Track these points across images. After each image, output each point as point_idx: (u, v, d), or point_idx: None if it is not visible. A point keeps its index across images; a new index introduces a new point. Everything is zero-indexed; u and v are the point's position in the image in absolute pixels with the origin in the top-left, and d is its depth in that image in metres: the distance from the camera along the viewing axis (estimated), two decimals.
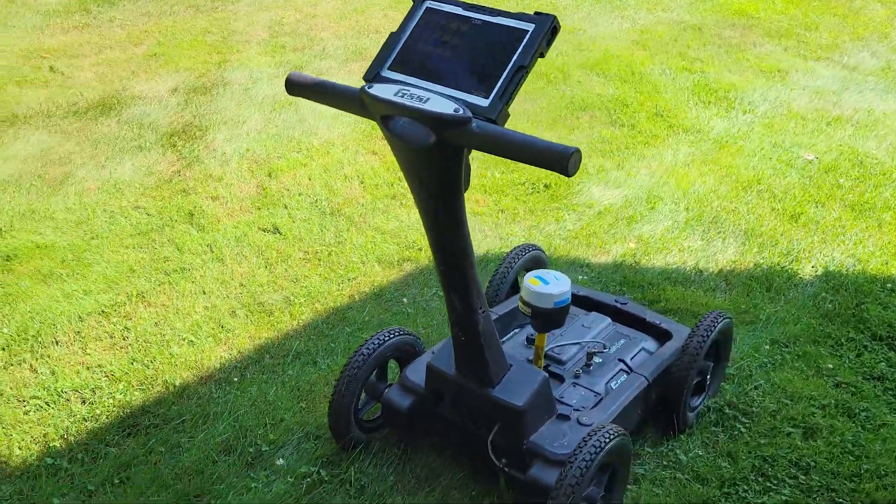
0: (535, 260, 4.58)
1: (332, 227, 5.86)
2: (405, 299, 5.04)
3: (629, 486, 3.61)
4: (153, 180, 6.44)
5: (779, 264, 5.54)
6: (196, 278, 5.13)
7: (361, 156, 6.99)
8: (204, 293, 4.98)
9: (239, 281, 5.13)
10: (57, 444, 3.78)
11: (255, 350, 4.50)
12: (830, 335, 4.74)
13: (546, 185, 6.68)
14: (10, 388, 4.10)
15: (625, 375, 3.81)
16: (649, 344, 4.12)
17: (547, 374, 3.39)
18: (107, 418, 3.94)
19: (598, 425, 3.22)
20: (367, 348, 3.66)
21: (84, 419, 3.93)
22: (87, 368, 4.27)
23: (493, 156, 7.38)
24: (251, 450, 3.77)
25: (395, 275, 5.32)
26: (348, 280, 5.22)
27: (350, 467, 3.66)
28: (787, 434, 3.93)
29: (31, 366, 4.27)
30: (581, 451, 3.08)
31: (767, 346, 4.62)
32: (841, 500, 3.56)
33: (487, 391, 3.32)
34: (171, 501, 3.48)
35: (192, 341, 4.52)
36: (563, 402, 3.64)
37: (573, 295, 4.49)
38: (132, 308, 4.79)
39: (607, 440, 3.13)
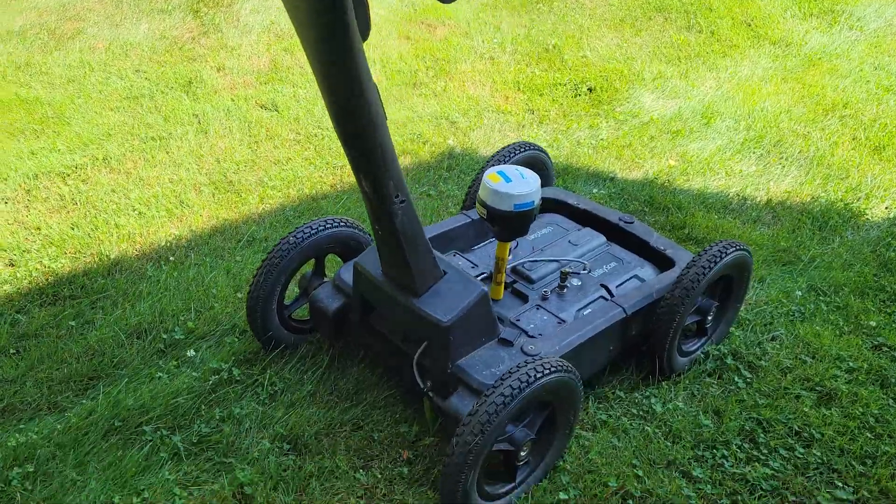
0: (532, 162, 3.90)
1: None
2: None
3: (582, 433, 3.02)
4: (164, 45, 6.00)
5: (842, 200, 4.65)
6: (172, 149, 4.70)
7: (393, 40, 6.33)
8: (175, 164, 4.55)
9: (216, 156, 4.67)
10: None
11: (208, 230, 4.06)
12: (884, 288, 3.91)
13: (590, 89, 5.88)
14: None
15: (603, 304, 3.16)
16: (646, 272, 3.43)
17: (484, 289, 2.78)
18: (27, 284, 3.61)
19: (540, 357, 2.62)
20: (297, 235, 3.14)
21: (4, 282, 3.61)
22: (25, 229, 3.94)
23: (535, 52, 6.65)
24: (165, 336, 3.36)
25: None
26: (334, 168, 4.68)
27: (268, 369, 3.21)
28: (795, 397, 3.22)
29: None
30: (502, 384, 2.50)
31: (801, 293, 3.84)
32: (841, 483, 2.87)
33: (410, 301, 2.76)
34: (61, 378, 3.13)
35: (142, 213, 4.11)
36: (516, 326, 3.05)
37: (569, 207, 3.82)
38: (93, 172, 4.41)
39: (539, 374, 2.53)
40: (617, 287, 3.31)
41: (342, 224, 3.25)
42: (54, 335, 3.34)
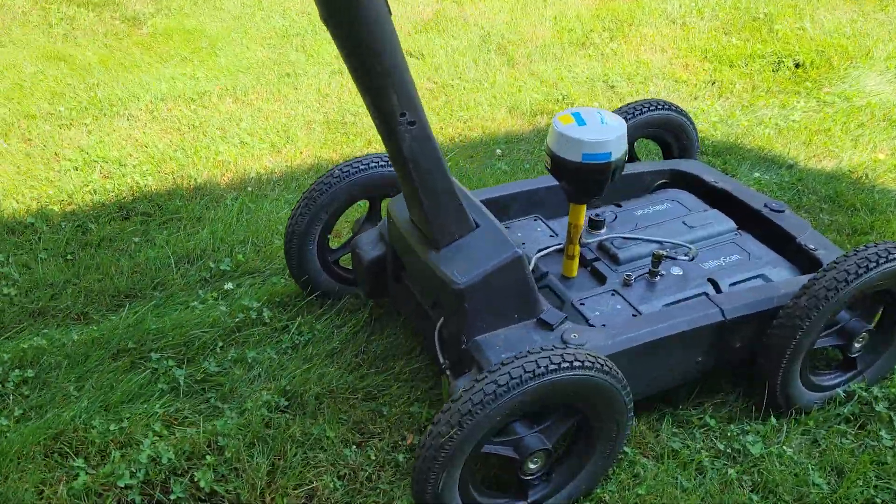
0: (665, 125, 3.18)
1: (483, 62, 4.83)
2: (499, 150, 3.93)
3: (641, 458, 2.34)
4: None
5: None
6: (302, 86, 4.51)
7: None
8: (298, 101, 4.35)
9: (341, 98, 4.41)
10: (54, 207, 3.48)
11: (303, 168, 3.80)
12: None
13: (797, 64, 4.89)
14: (58, 144, 3.89)
15: (699, 301, 2.43)
16: (779, 273, 2.62)
17: (518, 252, 2.19)
18: (112, 196, 3.56)
19: (575, 349, 2.00)
20: (344, 170, 2.74)
21: (92, 191, 3.59)
22: (134, 145, 3.92)
23: (739, 19, 5.61)
24: (212, 266, 3.13)
25: (516, 126, 4.20)
26: (460, 121, 4.23)
27: (299, 317, 2.86)
28: None
29: (88, 129, 4.03)
30: (501, 369, 1.93)
31: None
32: None
33: (429, 255, 2.25)
34: (99, 290, 3.00)
35: (245, 143, 3.94)
36: (576, 310, 2.42)
37: (703, 184, 3.05)
38: (218, 100, 4.33)
39: (553, 367, 1.92)
40: (731, 285, 2.55)
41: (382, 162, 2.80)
42: (113, 248, 3.24)
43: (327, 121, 4.15)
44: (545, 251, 2.67)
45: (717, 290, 2.54)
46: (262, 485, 2.25)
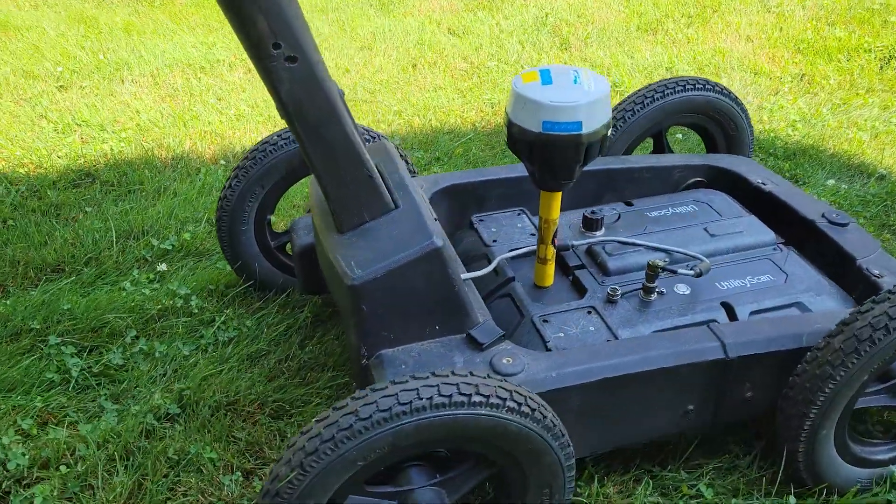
0: (706, 111, 2.55)
1: (531, 43, 4.27)
2: None
3: None
4: None
5: None
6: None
7: None
8: None
9: (362, 74, 3.96)
10: (20, 170, 3.20)
11: None
12: None
13: None
14: (47, 106, 3.62)
15: (697, 331, 1.81)
16: (823, 302, 1.97)
17: (437, 244, 1.65)
18: (81, 162, 3.24)
19: (483, 379, 1.46)
20: (284, 136, 2.28)
21: (64, 156, 3.28)
22: (124, 110, 3.61)
23: (847, 9, 4.77)
24: (156, 244, 2.73)
25: None
26: (486, 104, 3.69)
27: (230, 309, 2.41)
28: None
29: (84, 92, 3.75)
30: (361, 401, 1.40)
31: None
32: None
33: (329, 239, 1.75)
34: (27, 261, 2.65)
35: (241, 115, 3.56)
36: (535, 329, 1.86)
37: (747, 185, 2.40)
38: (226, 70, 3.98)
39: (436, 403, 1.38)
40: (752, 314, 1.92)
41: (368, 132, 2.31)
42: (60, 217, 2.90)
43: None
44: (517, 252, 2.11)
45: (732, 317, 1.92)
46: None
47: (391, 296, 1.65)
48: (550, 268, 2.02)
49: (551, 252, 1.98)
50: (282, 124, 3.49)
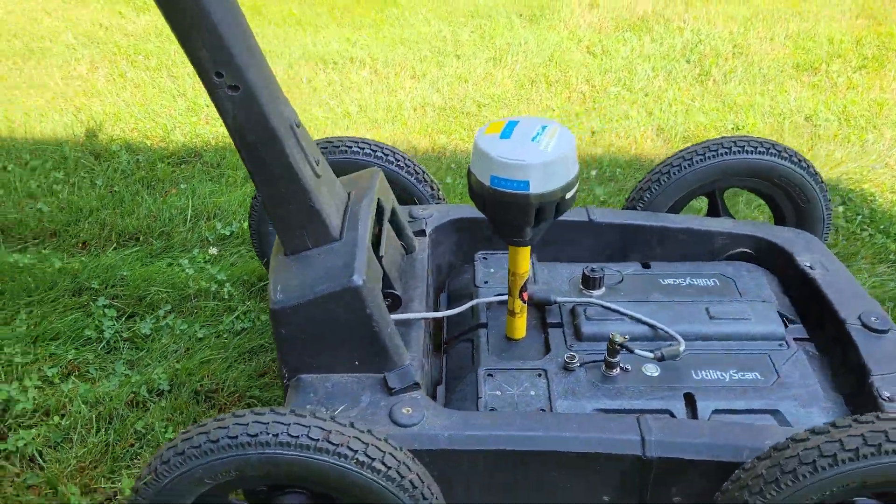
0: (770, 177, 2.30)
1: (665, 71, 4.04)
2: (595, 171, 3.20)
3: None
4: None
5: None
6: (448, 67, 4.15)
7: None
8: (429, 80, 4.01)
9: (476, 84, 3.97)
10: (146, 141, 3.58)
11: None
12: None
13: None
14: (187, 87, 4.00)
15: (623, 421, 1.66)
16: (808, 416, 1.74)
17: (357, 285, 1.64)
18: (197, 141, 3.56)
19: (322, 421, 1.46)
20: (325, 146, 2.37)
21: (184, 134, 3.62)
22: None
23: None
24: (219, 227, 2.95)
25: (651, 150, 3.41)
26: (587, 130, 3.56)
27: (253, 301, 2.56)
28: None
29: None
30: (226, 425, 1.45)
31: None
32: None
33: (275, 258, 1.82)
34: (113, 226, 2.98)
35: (348, 114, 3.71)
36: (477, 379, 1.82)
37: (792, 266, 2.13)
38: (355, 67, 4.16)
39: (262, 440, 1.41)
40: (715, 411, 1.74)
41: (388, 154, 2.35)
42: (156, 190, 3.22)
43: (445, 106, 3.76)
44: (498, 298, 2.05)
45: (693, 412, 1.75)
46: (61, 474, 2.02)
47: (309, 325, 1.68)
48: (520, 321, 1.95)
49: (519, 305, 1.91)
50: (386, 128, 3.59)
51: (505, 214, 1.68)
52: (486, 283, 2.15)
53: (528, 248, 1.82)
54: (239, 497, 1.70)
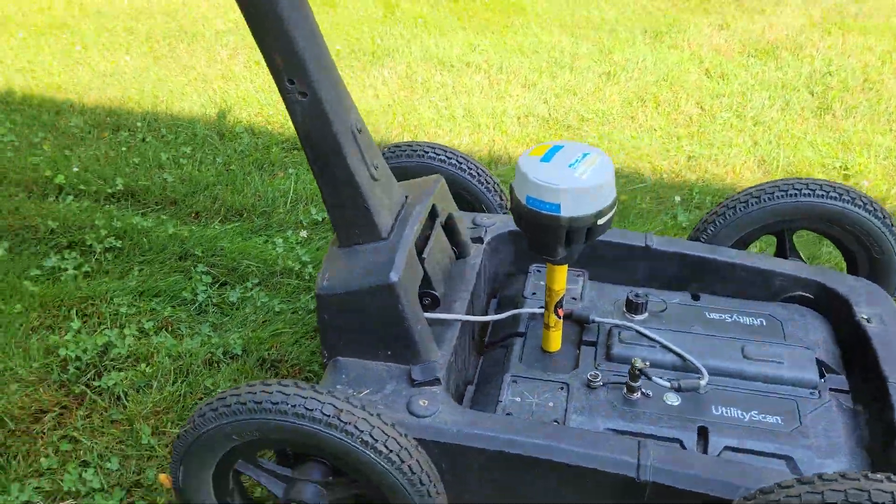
0: (841, 222, 2.25)
1: (782, 100, 3.93)
2: (679, 197, 3.17)
3: None
4: None
5: None
6: (561, 77, 4.22)
7: None
8: (541, 92, 4.09)
9: (588, 96, 4.02)
10: (267, 126, 3.89)
11: (477, 153, 3.59)
12: None
13: None
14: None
15: (625, 442, 1.72)
16: (823, 467, 1.74)
17: (392, 281, 1.79)
18: None
19: (336, 399, 1.62)
20: (391, 148, 2.53)
21: None
22: (366, 92, 4.14)
23: None
24: (313, 212, 3.19)
25: (750, 182, 3.34)
26: (685, 155, 3.53)
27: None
28: None
29: (344, 72, 4.36)
30: (256, 391, 1.64)
31: None
32: None
33: (331, 247, 2.00)
34: (224, 201, 3.29)
35: (454, 116, 3.86)
36: (503, 383, 1.94)
37: (852, 319, 2.09)
38: (470, 72, 4.31)
39: (278, 408, 1.59)
40: (726, 448, 1.78)
41: (461, 162, 2.48)
42: (267, 171, 3.51)
43: (549, 118, 3.84)
44: (539, 311, 2.15)
45: (704, 447, 1.79)
46: (139, 414, 2.31)
47: (348, 314, 1.85)
48: (554, 334, 2.04)
49: (553, 320, 2.01)
50: (484, 134, 3.73)
51: (537, 233, 1.78)
52: (533, 294, 2.25)
53: (565, 266, 1.91)
54: (272, 458, 1.90)
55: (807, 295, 2.25)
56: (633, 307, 2.12)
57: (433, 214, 2.10)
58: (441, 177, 2.18)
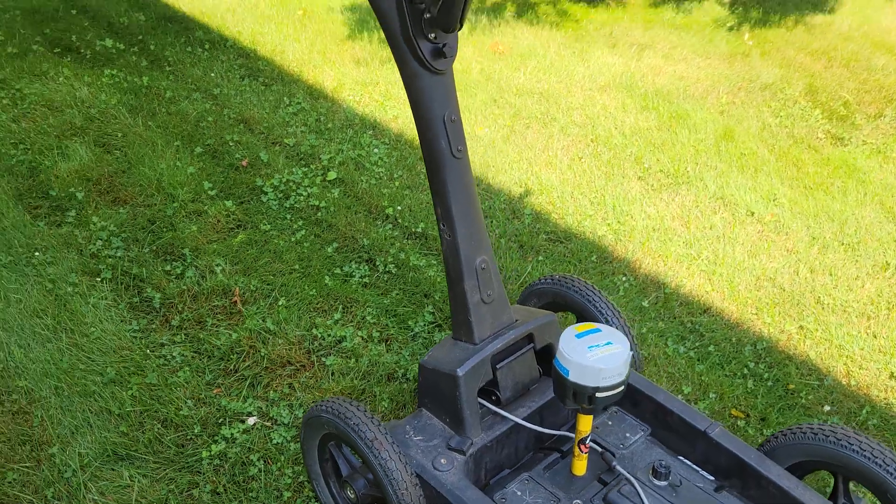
0: (847, 470, 2.39)
1: None
2: None
3: None
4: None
5: None
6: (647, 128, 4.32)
7: None
8: (628, 141, 4.27)
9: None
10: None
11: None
12: None
13: None
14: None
15: None
16: None
17: (458, 374, 2.54)
18: None
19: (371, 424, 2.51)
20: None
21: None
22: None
23: None
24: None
25: None
26: (715, 202, 3.50)
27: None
28: None
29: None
30: (321, 402, 2.63)
31: None
32: None
33: (446, 336, 2.85)
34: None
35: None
36: (515, 480, 2.63)
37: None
38: (580, 96, 4.63)
39: (335, 414, 2.57)
40: None
41: (596, 300, 3.08)
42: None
43: (612, 159, 4.14)
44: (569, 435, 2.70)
45: None
46: (334, 390, 3.44)
47: (432, 384, 2.69)
48: (578, 463, 2.62)
49: (577, 451, 2.60)
50: (613, 244, 4.10)
51: (555, 383, 2.42)
52: (596, 427, 2.81)
53: (589, 416, 2.49)
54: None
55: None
56: (657, 475, 2.58)
57: (529, 339, 2.80)
58: (553, 314, 2.86)
